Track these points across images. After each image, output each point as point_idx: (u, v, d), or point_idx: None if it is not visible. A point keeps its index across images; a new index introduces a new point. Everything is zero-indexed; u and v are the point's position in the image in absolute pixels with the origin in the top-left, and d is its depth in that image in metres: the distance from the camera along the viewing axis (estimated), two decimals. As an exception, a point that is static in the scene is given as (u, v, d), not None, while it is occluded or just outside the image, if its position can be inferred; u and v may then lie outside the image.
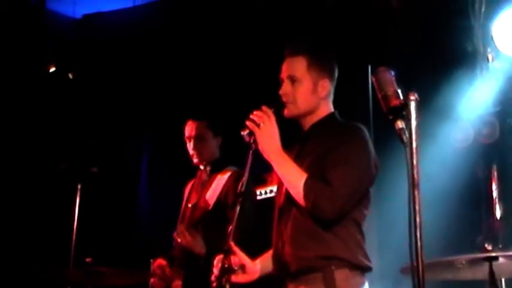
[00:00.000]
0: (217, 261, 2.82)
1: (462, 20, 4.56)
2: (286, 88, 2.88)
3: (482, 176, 4.39)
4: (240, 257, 2.87)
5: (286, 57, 2.95)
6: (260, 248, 3.10)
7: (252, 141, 2.87)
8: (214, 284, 2.75)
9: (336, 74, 2.98)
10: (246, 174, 2.90)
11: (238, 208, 2.79)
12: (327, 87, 2.91)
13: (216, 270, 2.80)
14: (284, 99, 2.89)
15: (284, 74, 2.92)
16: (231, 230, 2.77)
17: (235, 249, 2.83)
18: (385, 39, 4.81)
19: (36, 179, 5.53)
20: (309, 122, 2.92)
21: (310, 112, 2.90)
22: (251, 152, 2.85)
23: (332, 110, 2.96)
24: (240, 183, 2.90)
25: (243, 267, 2.89)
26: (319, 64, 2.91)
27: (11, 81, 5.59)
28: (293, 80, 2.87)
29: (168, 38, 5.72)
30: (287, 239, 2.76)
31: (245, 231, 3.68)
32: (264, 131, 2.73)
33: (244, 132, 2.87)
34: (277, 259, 2.83)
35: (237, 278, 2.87)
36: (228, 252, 2.77)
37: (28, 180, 5.52)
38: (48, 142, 5.66)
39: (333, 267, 2.63)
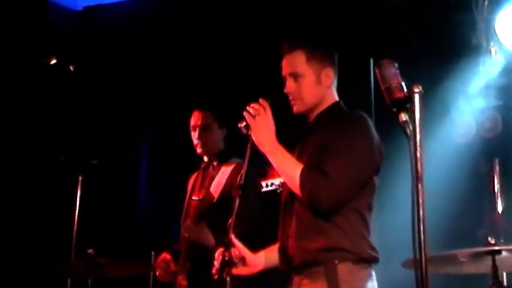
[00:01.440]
0: (218, 254, 2.83)
1: (465, 14, 4.55)
2: (290, 86, 2.87)
3: (484, 170, 4.38)
4: (239, 249, 2.86)
5: (284, 55, 2.93)
6: (264, 240, 3.10)
7: (249, 133, 2.87)
8: (216, 277, 2.76)
9: (337, 60, 2.96)
10: (245, 167, 2.90)
11: (238, 201, 2.80)
12: (331, 76, 2.90)
13: (216, 263, 2.80)
14: (290, 97, 2.88)
15: (285, 72, 2.91)
16: (231, 222, 2.78)
17: (235, 241, 2.83)
18: (387, 32, 4.80)
19: (37, 171, 5.52)
20: (314, 114, 2.90)
21: (317, 104, 2.89)
22: (249, 144, 2.86)
23: (336, 98, 2.94)
24: (239, 176, 2.91)
25: (243, 260, 2.89)
26: (318, 54, 2.89)
27: (11, 73, 5.58)
28: (295, 76, 2.86)
29: (169, 30, 5.70)
30: (291, 232, 2.75)
31: (250, 222, 3.69)
32: (259, 123, 2.72)
33: (242, 125, 2.87)
34: (282, 252, 2.82)
35: (239, 270, 2.87)
36: (228, 245, 2.78)
37: (29, 173, 5.52)
38: (49, 134, 5.65)
39: (336, 261, 2.60)
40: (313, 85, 2.86)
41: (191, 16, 5.63)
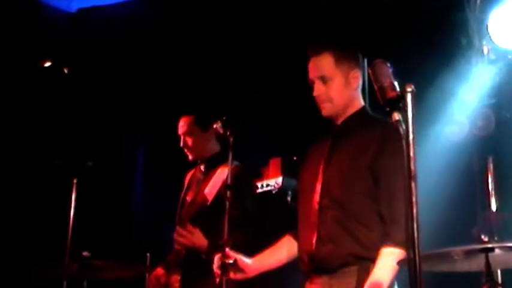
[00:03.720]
0: (217, 259, 2.87)
1: (457, 13, 4.56)
2: (319, 88, 2.88)
3: (477, 168, 4.39)
4: (231, 255, 2.92)
5: (310, 58, 2.93)
6: (260, 242, 3.12)
7: (228, 133, 2.91)
8: (218, 280, 2.81)
9: (362, 62, 2.98)
10: (230, 167, 2.95)
11: (227, 203, 2.85)
12: (358, 77, 2.93)
13: (216, 267, 2.84)
14: (318, 100, 2.89)
15: (313, 75, 2.91)
16: (223, 224, 2.83)
17: (228, 249, 2.90)
18: (381, 32, 4.82)
19: (32, 173, 5.51)
20: (342, 117, 2.92)
21: (346, 107, 2.90)
22: (230, 144, 2.89)
23: (362, 102, 2.97)
24: (226, 176, 2.95)
25: (236, 263, 2.92)
26: (346, 56, 2.91)
27: (5, 76, 5.57)
28: (324, 79, 2.87)
29: (163, 31, 5.70)
30: (325, 236, 2.76)
31: (248, 229, 3.71)
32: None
33: (218, 125, 2.92)
34: (310, 256, 2.81)
35: (234, 275, 2.90)
36: (223, 247, 2.82)
37: (24, 175, 5.51)
38: (44, 137, 5.64)
39: (370, 262, 2.66)
40: (342, 87, 2.88)
41: (185, 18, 5.63)
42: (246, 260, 2.95)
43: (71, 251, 4.00)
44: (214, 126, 3.09)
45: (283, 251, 3.04)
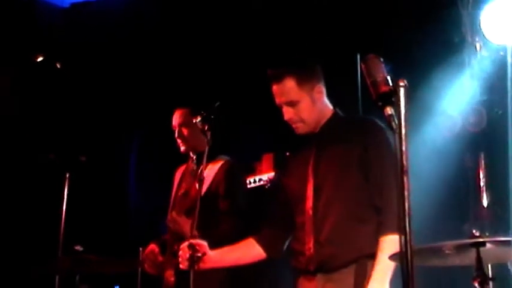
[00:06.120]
0: (183, 247, 2.95)
1: (450, 9, 4.57)
2: (289, 114, 2.94)
3: (469, 164, 4.42)
4: (201, 245, 2.99)
5: (272, 82, 2.97)
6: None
7: (206, 128, 2.96)
8: (183, 268, 2.94)
9: (321, 71, 3.04)
10: (205, 163, 3.00)
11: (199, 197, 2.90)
12: (322, 90, 3.00)
13: (183, 255, 2.93)
14: (291, 122, 2.97)
15: (280, 101, 2.96)
16: (195, 219, 2.86)
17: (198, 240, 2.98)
18: (374, 27, 4.83)
19: (25, 168, 5.50)
20: (317, 127, 2.99)
21: (319, 119, 2.98)
22: (207, 141, 2.94)
23: (331, 107, 3.04)
24: (199, 170, 2.99)
25: (204, 255, 2.98)
26: (307, 75, 2.97)
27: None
28: (291, 103, 2.93)
29: (156, 27, 5.69)
30: (324, 240, 2.81)
31: (235, 224, 3.73)
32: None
33: (197, 120, 2.96)
34: (308, 259, 2.86)
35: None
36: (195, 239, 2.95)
37: (16, 170, 5.49)
38: (37, 131, 5.63)
39: (367, 260, 2.74)
40: (310, 106, 2.94)
41: (179, 14, 5.62)
42: (208, 252, 3.01)
43: (63, 246, 4.00)
44: (194, 121, 3.12)
45: (244, 252, 3.11)
